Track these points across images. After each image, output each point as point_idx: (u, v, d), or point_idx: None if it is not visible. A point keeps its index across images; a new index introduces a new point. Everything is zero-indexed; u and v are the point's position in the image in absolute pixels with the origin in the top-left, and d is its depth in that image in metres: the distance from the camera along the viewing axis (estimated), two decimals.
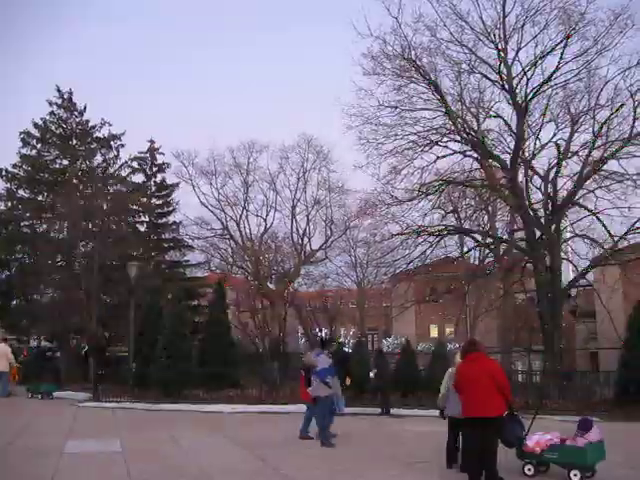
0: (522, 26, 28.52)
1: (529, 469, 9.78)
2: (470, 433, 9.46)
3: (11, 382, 26.18)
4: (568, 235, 29.25)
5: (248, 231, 45.41)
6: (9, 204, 37.77)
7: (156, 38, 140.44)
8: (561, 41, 22.26)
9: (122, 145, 40.04)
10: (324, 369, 13.17)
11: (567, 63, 26.69)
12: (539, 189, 28.93)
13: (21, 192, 37.86)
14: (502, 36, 28.09)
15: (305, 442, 13.74)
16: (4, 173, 37.32)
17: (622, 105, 23.02)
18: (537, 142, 25.80)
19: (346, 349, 30.19)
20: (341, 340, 23.35)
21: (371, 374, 20.03)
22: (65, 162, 38.18)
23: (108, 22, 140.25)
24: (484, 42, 28.72)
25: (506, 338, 33.56)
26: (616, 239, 22.51)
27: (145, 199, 42.15)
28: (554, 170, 24.69)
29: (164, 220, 43.28)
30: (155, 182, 43.37)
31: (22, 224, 37.34)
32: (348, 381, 18.99)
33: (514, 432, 9.43)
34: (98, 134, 39.44)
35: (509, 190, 21.90)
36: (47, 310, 29.78)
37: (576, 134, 28.94)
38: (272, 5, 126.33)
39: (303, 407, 20.19)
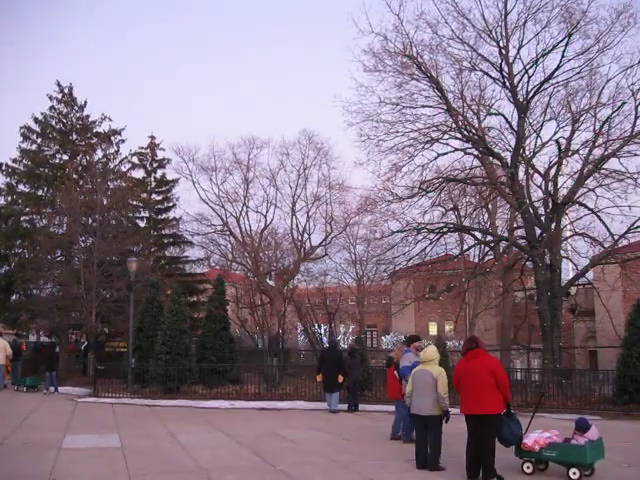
0: (524, 24, 28.49)
1: (528, 467, 9.77)
2: (468, 430, 9.47)
3: (6, 376, 26.46)
4: (568, 233, 29.27)
5: (248, 227, 45.39)
6: (9, 199, 37.75)
7: (157, 35, 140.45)
8: (563, 39, 22.24)
9: (122, 140, 40.00)
10: (406, 367, 12.45)
11: (569, 61, 26.69)
12: (539, 187, 28.91)
13: (21, 187, 37.80)
14: (504, 34, 28.06)
15: (299, 439, 13.73)
16: (4, 168, 37.27)
17: (624, 103, 22.99)
18: (538, 140, 25.81)
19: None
20: (337, 338, 23.17)
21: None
22: (65, 157, 38.12)
23: (109, 19, 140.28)
24: (485, 39, 28.69)
25: (505, 336, 33.60)
26: (616, 238, 22.48)
27: (145, 195, 42.12)
28: (555, 168, 24.68)
29: (164, 216, 43.22)
30: (155, 178, 43.32)
31: (22, 219, 37.31)
32: (340, 379, 18.97)
33: (511, 431, 9.43)
34: (98, 129, 39.40)
35: (509, 188, 21.89)
36: (46, 305, 29.75)
37: (577, 132, 28.94)
38: (271, 2, 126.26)
39: (301, 404, 20.34)
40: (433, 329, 55.54)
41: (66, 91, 38.48)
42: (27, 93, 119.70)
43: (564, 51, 21.56)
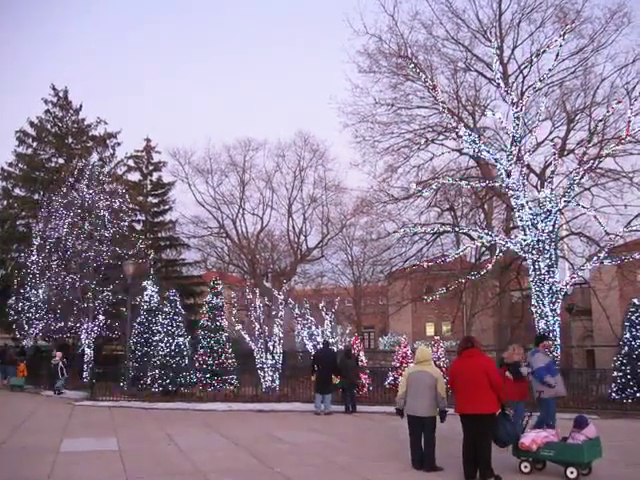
0: (518, 24, 28.66)
1: (525, 466, 9.77)
2: (464, 430, 9.48)
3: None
4: (564, 233, 29.30)
5: (244, 229, 45.51)
6: (5, 202, 37.75)
7: (153, 37, 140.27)
8: (557, 39, 22.25)
9: (118, 143, 40.07)
10: (541, 368, 11.77)
11: (563, 61, 26.82)
12: (535, 187, 28.95)
13: (17, 191, 37.84)
14: (498, 34, 28.17)
15: (297, 441, 13.72)
16: (0, 172, 37.27)
17: (618, 102, 23.04)
18: (533, 140, 25.86)
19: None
20: (330, 339, 23.03)
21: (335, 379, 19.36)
22: (61, 161, 38.14)
23: (105, 22, 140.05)
24: (480, 40, 28.85)
25: (502, 336, 33.57)
26: (612, 237, 22.49)
27: (141, 198, 42.11)
28: (550, 168, 24.71)
29: (160, 219, 43.26)
30: (151, 181, 43.37)
31: (18, 223, 37.29)
32: (335, 380, 18.91)
33: (507, 431, 9.42)
34: (94, 132, 39.46)
35: (505, 188, 21.89)
36: (43, 309, 29.74)
37: (572, 132, 29.05)
38: (267, 3, 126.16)
39: (298, 405, 20.26)
40: (430, 330, 55.53)
41: (61, 95, 38.53)
42: (23, 96, 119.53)
43: (558, 51, 21.58)
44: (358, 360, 22.48)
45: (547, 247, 21.39)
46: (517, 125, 21.53)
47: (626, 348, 19.27)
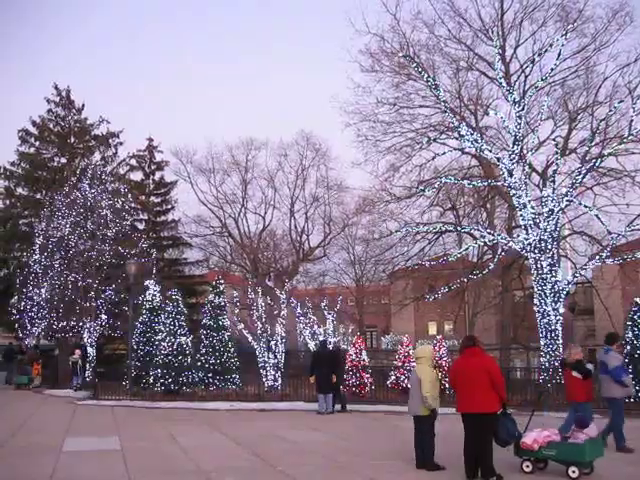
0: (520, 23, 28.64)
1: (527, 466, 9.75)
2: (465, 429, 9.47)
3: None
4: (566, 232, 29.26)
5: (246, 229, 45.48)
6: (7, 202, 37.78)
7: (154, 36, 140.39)
8: (559, 38, 22.26)
9: (120, 143, 40.04)
10: (618, 367, 11.69)
11: (565, 60, 26.78)
12: (537, 186, 28.94)
13: (19, 190, 37.85)
14: (500, 33, 28.12)
15: (299, 440, 13.73)
16: (2, 171, 37.30)
17: (621, 102, 23.03)
18: (535, 139, 25.85)
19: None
20: (332, 339, 23.07)
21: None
22: (63, 160, 38.15)
23: (107, 21, 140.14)
24: (482, 39, 28.81)
25: (505, 335, 33.55)
26: (614, 236, 22.48)
27: (144, 197, 42.14)
28: (552, 167, 24.71)
29: (163, 218, 43.26)
30: (154, 180, 43.36)
31: (20, 222, 37.32)
32: (334, 379, 18.91)
33: (508, 431, 9.41)
34: (96, 132, 39.45)
35: (507, 187, 21.89)
36: (45, 308, 29.80)
37: (574, 131, 29.00)
38: (268, 2, 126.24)
39: (300, 405, 20.28)
40: (432, 329, 55.59)
41: (64, 94, 38.53)
42: (25, 95, 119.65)
43: (560, 50, 21.57)
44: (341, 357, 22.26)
45: (549, 246, 21.39)
46: (519, 124, 21.53)
47: (628, 347, 19.36)
